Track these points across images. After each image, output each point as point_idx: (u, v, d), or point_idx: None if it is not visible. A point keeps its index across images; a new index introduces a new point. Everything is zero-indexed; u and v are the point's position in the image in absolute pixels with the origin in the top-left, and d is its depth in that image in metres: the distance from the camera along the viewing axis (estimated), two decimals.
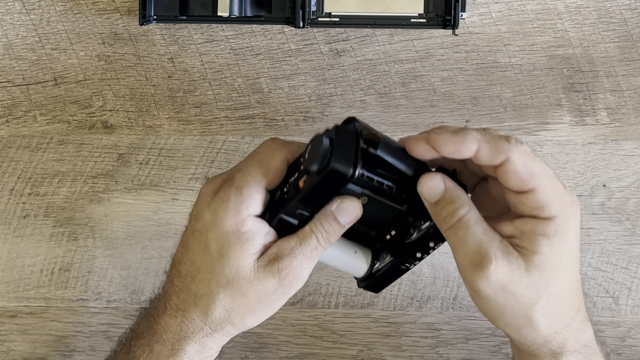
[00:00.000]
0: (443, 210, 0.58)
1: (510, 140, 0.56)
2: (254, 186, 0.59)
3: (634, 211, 0.76)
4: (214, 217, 0.59)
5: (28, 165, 0.77)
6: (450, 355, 0.77)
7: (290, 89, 0.76)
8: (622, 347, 0.77)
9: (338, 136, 0.57)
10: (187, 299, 0.61)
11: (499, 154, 0.56)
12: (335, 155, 0.56)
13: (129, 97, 0.76)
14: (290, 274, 0.59)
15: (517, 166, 0.56)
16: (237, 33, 0.76)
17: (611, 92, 0.76)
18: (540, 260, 0.57)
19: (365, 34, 0.75)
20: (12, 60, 0.76)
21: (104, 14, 0.75)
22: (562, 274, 0.58)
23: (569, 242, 0.58)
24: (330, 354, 0.78)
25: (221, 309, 0.60)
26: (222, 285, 0.60)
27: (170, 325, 0.62)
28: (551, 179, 0.57)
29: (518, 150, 0.56)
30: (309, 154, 0.58)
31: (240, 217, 0.59)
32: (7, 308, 0.78)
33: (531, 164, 0.56)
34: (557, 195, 0.57)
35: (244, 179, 0.60)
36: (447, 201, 0.58)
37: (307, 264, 0.60)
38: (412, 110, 0.76)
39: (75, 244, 0.77)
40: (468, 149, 0.56)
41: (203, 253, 0.60)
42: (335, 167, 0.56)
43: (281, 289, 0.60)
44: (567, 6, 0.75)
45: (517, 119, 0.76)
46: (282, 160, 0.60)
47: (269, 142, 0.61)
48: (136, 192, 0.77)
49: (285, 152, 0.60)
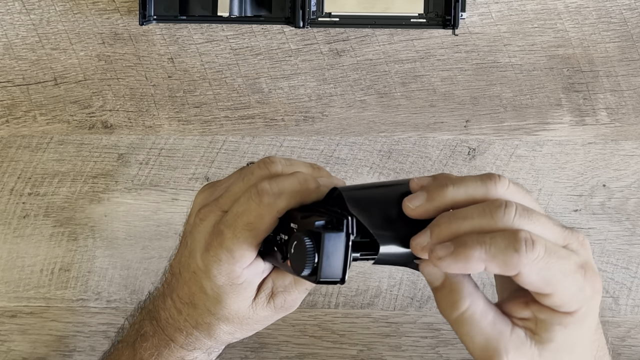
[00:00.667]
0: (444, 300, 0.54)
1: (520, 250, 0.50)
2: (246, 248, 0.57)
3: (634, 211, 0.76)
4: (207, 271, 0.58)
5: (28, 165, 0.77)
6: (450, 355, 0.77)
7: (290, 89, 0.76)
8: (622, 347, 0.77)
9: (326, 241, 0.52)
10: (191, 324, 0.62)
11: (509, 270, 0.51)
12: (324, 271, 0.52)
13: (129, 97, 0.76)
14: (286, 307, 0.61)
15: (531, 278, 0.51)
16: (237, 33, 0.76)
17: (611, 92, 0.76)
18: (555, 347, 0.53)
19: (365, 34, 0.75)
20: (12, 60, 0.76)
21: (104, 14, 0.75)
22: (577, 354, 0.55)
23: (587, 326, 0.54)
24: (330, 354, 0.78)
25: (224, 333, 0.62)
26: (223, 320, 0.61)
27: (176, 338, 0.63)
28: (570, 277, 0.52)
29: (529, 261, 0.50)
30: (295, 256, 0.54)
31: (234, 274, 0.58)
32: (7, 308, 0.78)
33: (546, 272, 0.51)
34: (577, 292, 0.52)
35: (234, 241, 0.57)
36: (448, 290, 0.53)
37: (301, 296, 0.62)
38: (412, 110, 0.76)
39: (75, 244, 0.77)
40: (474, 269, 0.51)
41: (200, 292, 0.60)
42: (324, 280, 0.53)
43: (277, 315, 0.62)
44: (567, 6, 0.75)
45: (517, 119, 0.76)
46: (272, 222, 0.57)
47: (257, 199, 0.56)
48: (136, 192, 0.77)
49: (275, 213, 0.56)
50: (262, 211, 0.56)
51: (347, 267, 0.52)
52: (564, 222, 0.76)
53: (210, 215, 0.59)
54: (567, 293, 0.52)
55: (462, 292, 0.53)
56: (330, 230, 0.52)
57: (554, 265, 0.51)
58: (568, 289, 0.52)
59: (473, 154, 0.76)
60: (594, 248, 0.76)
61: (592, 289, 0.53)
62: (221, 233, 0.58)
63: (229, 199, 0.59)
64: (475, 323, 0.53)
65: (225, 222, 0.58)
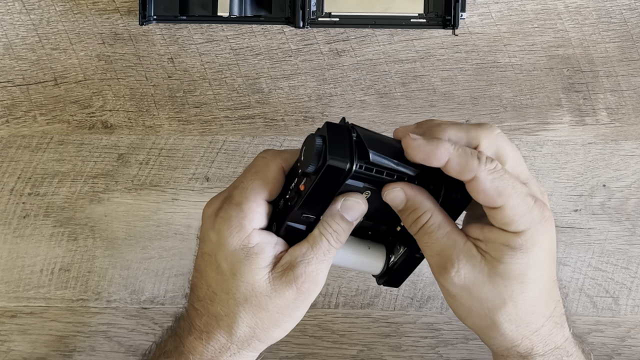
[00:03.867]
0: (408, 218, 0.60)
1: (481, 158, 0.57)
2: (253, 199, 0.59)
3: (634, 211, 0.76)
4: (219, 238, 0.59)
5: (28, 165, 0.77)
6: (450, 355, 0.77)
7: (290, 89, 0.76)
8: (622, 347, 0.77)
9: (330, 133, 0.58)
10: (209, 322, 0.61)
11: (467, 171, 0.57)
12: (330, 152, 0.57)
13: (129, 97, 0.76)
14: (307, 281, 0.59)
15: (485, 185, 0.57)
16: (237, 33, 0.76)
17: (611, 92, 0.76)
18: (503, 269, 0.58)
19: (365, 34, 0.75)
20: (12, 60, 0.76)
21: (104, 14, 0.75)
22: (529, 284, 0.59)
23: (536, 256, 0.58)
24: (330, 354, 0.78)
25: (244, 326, 0.60)
26: (241, 303, 0.59)
27: (196, 347, 0.61)
28: (521, 195, 0.57)
29: (487, 168, 0.57)
30: (304, 155, 0.58)
31: (244, 232, 0.59)
32: (7, 308, 0.78)
33: (499, 182, 0.57)
34: (526, 212, 0.57)
35: (242, 194, 0.59)
36: (410, 209, 0.59)
37: (322, 267, 0.60)
38: (412, 110, 0.76)
39: (75, 244, 0.77)
40: (438, 160, 0.57)
41: (216, 275, 0.60)
42: (332, 163, 0.56)
43: (300, 297, 0.60)
44: (567, 6, 0.75)
45: (517, 119, 0.76)
46: (277, 170, 0.60)
47: (262, 154, 0.61)
48: (136, 192, 0.77)
49: (280, 161, 0.60)
50: (267, 159, 0.60)
51: (353, 157, 0.57)
52: (564, 222, 0.76)
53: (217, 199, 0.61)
54: (516, 210, 0.57)
55: (422, 209, 0.59)
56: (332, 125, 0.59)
57: (507, 180, 0.57)
58: (517, 206, 0.57)
59: None
60: (594, 248, 0.76)
61: (541, 215, 0.57)
62: (229, 195, 0.60)
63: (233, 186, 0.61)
64: (433, 233, 0.59)
65: (233, 185, 0.61)
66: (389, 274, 0.64)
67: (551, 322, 0.61)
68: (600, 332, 0.77)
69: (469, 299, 0.59)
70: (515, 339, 0.61)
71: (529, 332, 0.61)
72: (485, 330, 0.61)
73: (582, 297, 0.77)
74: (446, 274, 0.59)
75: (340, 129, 0.58)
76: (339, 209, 0.60)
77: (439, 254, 0.59)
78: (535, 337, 0.61)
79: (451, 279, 0.59)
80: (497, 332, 0.61)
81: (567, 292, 0.76)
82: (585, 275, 0.77)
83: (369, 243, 0.64)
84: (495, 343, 0.62)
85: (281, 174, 0.60)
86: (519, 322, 0.60)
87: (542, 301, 0.60)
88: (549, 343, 0.61)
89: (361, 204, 0.60)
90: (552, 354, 0.61)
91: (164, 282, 0.77)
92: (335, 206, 0.60)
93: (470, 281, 0.58)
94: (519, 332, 0.60)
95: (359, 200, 0.60)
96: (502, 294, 0.59)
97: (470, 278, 0.58)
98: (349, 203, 0.60)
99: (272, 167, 0.60)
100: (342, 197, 0.60)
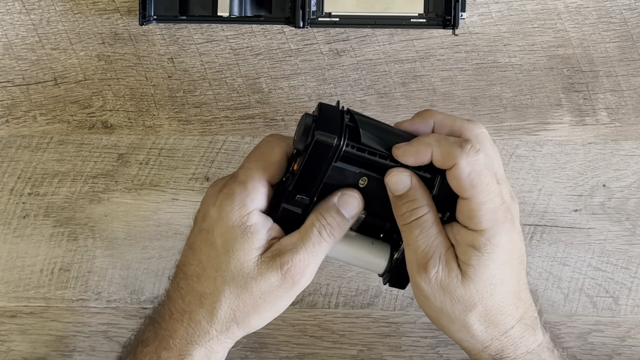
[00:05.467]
0: (404, 206, 0.60)
1: (465, 147, 0.58)
2: (257, 179, 0.60)
3: (634, 211, 0.76)
4: (220, 213, 0.60)
5: (28, 165, 0.77)
6: (450, 355, 0.77)
7: (290, 89, 0.76)
8: (622, 347, 0.77)
9: (321, 112, 0.59)
10: (192, 300, 0.61)
11: (449, 159, 0.58)
12: (318, 127, 0.58)
13: (129, 97, 0.76)
14: (293, 270, 0.60)
15: (461, 172, 0.58)
16: (237, 33, 0.76)
17: (611, 92, 0.76)
18: (473, 272, 0.59)
19: (365, 34, 0.75)
20: (12, 60, 0.76)
21: (104, 14, 0.75)
22: (497, 287, 0.60)
23: (499, 258, 0.60)
24: (330, 354, 0.78)
25: (226, 307, 0.60)
26: (228, 281, 0.60)
27: (176, 330, 0.62)
28: (490, 194, 0.58)
29: (468, 158, 0.58)
30: (296, 134, 0.60)
31: (245, 210, 0.60)
32: (7, 308, 0.78)
33: (475, 175, 0.58)
34: (490, 211, 0.59)
35: (246, 173, 0.61)
36: (410, 198, 0.60)
37: (311, 259, 0.60)
38: (412, 110, 0.76)
39: (75, 244, 0.77)
40: (424, 156, 0.59)
41: (209, 250, 0.61)
42: (320, 138, 0.58)
43: (285, 285, 0.60)
44: (567, 6, 0.75)
45: (517, 119, 0.76)
46: (281, 153, 0.61)
47: (268, 138, 0.63)
48: (136, 192, 0.77)
49: (284, 145, 0.62)
50: (272, 143, 0.61)
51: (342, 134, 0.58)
52: (564, 222, 0.76)
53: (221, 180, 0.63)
54: (481, 206, 0.58)
55: (422, 201, 0.60)
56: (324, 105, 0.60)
57: (484, 177, 0.58)
58: (483, 203, 0.58)
59: None
60: (594, 248, 0.76)
61: (504, 216, 0.59)
62: (234, 175, 0.62)
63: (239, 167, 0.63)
64: (426, 229, 0.60)
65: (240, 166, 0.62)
66: (393, 272, 0.64)
67: (522, 325, 0.62)
68: (600, 332, 0.77)
69: (441, 300, 0.60)
70: (485, 340, 0.61)
71: (498, 333, 0.61)
72: (456, 332, 0.62)
73: (582, 297, 0.77)
74: (425, 274, 0.59)
75: (333, 110, 0.60)
76: (336, 202, 0.60)
77: (424, 251, 0.60)
78: (505, 339, 0.62)
79: (429, 279, 0.59)
80: (467, 333, 0.62)
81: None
82: (585, 275, 0.77)
83: (373, 240, 0.64)
84: (467, 346, 0.63)
85: (284, 158, 0.62)
86: (488, 322, 0.61)
87: (511, 303, 0.61)
88: (520, 346, 0.62)
89: (357, 199, 0.61)
90: (523, 358, 0.62)
91: (164, 282, 0.77)
92: (332, 199, 0.60)
93: (445, 284, 0.59)
94: (488, 332, 0.61)
95: (355, 194, 0.61)
96: (472, 297, 0.60)
97: (446, 282, 0.59)
98: (345, 197, 0.61)
99: (276, 150, 0.61)
100: (339, 191, 0.60)
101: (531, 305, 0.63)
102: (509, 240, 0.60)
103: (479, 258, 0.59)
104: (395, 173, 0.60)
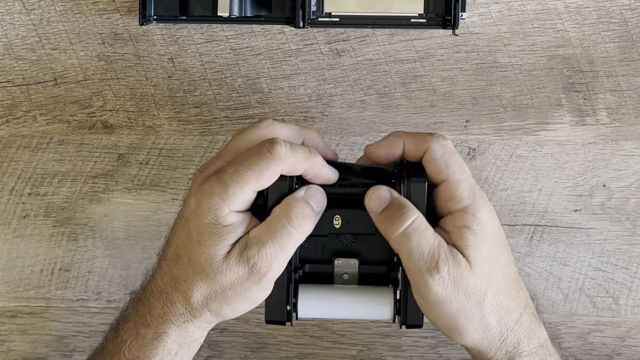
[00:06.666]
0: (393, 215, 0.60)
1: (434, 134, 0.62)
2: (241, 187, 0.59)
3: (634, 211, 0.76)
4: (197, 207, 0.60)
5: (28, 165, 0.77)
6: (450, 355, 0.77)
7: (290, 89, 0.76)
8: (622, 347, 0.77)
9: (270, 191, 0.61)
10: (170, 282, 0.62)
11: (421, 144, 0.62)
12: None
13: (129, 97, 0.76)
14: (259, 264, 0.59)
15: (436, 155, 0.61)
16: (237, 33, 0.76)
17: (611, 92, 0.76)
18: (475, 253, 0.60)
19: (365, 34, 0.75)
20: (12, 60, 0.76)
21: (104, 14, 0.75)
22: (495, 266, 0.61)
23: (488, 231, 0.61)
24: (330, 354, 0.78)
25: (199, 295, 0.61)
26: (199, 272, 0.60)
27: (154, 307, 0.62)
28: (465, 174, 0.61)
29: (439, 142, 0.62)
30: None
31: (221, 212, 0.59)
32: (7, 308, 0.78)
33: (449, 156, 0.61)
34: (467, 188, 0.61)
35: (232, 177, 0.59)
36: (396, 206, 0.60)
37: (277, 252, 0.60)
38: (412, 110, 0.76)
39: (75, 244, 0.77)
40: (397, 147, 0.62)
41: (185, 240, 0.61)
42: None
43: (253, 278, 0.60)
44: (567, 6, 0.75)
45: (517, 119, 0.76)
46: (276, 174, 0.60)
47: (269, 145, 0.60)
48: (136, 192, 0.77)
49: (282, 166, 0.60)
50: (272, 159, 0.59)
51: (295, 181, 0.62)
52: (564, 222, 0.76)
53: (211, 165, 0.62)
54: (458, 185, 0.61)
55: (408, 206, 0.60)
56: None
57: (457, 157, 0.61)
58: (460, 182, 0.61)
59: (473, 154, 0.76)
60: (594, 248, 0.76)
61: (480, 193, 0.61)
62: (222, 170, 0.60)
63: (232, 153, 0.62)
64: (423, 232, 0.59)
65: (230, 162, 0.61)
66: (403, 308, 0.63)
67: (528, 313, 0.62)
68: (600, 332, 0.77)
69: (457, 300, 0.60)
70: (501, 331, 0.61)
71: (511, 322, 0.61)
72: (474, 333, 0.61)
73: (582, 297, 0.77)
74: (438, 274, 0.59)
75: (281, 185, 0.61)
76: (302, 194, 0.61)
77: (430, 253, 0.59)
78: (518, 329, 0.61)
79: (443, 278, 0.59)
80: (485, 328, 0.61)
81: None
82: (585, 275, 0.77)
83: (374, 286, 0.64)
84: (486, 345, 0.62)
85: (277, 175, 0.60)
86: (501, 310, 0.61)
87: (514, 285, 0.62)
88: (533, 339, 0.62)
89: (323, 192, 0.62)
90: (537, 352, 0.62)
91: None
92: (299, 192, 0.61)
93: (458, 277, 0.59)
94: (502, 322, 0.61)
95: (320, 188, 0.61)
96: (482, 282, 0.60)
97: (458, 274, 0.59)
98: (312, 190, 0.61)
99: (272, 169, 0.59)
100: (304, 187, 0.61)
101: (529, 296, 0.64)
102: (490, 218, 0.61)
103: (474, 235, 0.60)
104: (373, 190, 0.61)
